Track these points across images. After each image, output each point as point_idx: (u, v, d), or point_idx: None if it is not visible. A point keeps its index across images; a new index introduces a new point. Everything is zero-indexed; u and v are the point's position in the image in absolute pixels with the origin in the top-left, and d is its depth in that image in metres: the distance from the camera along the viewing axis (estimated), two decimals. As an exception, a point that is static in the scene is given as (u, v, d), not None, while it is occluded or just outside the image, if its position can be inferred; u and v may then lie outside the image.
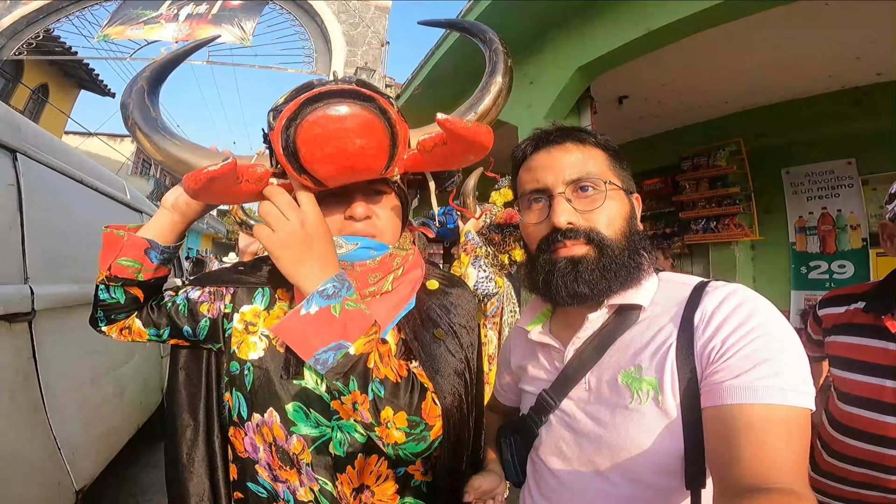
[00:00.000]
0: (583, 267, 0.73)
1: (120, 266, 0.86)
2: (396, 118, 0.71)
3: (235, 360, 0.88)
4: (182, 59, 0.92)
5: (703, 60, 3.92)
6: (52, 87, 11.19)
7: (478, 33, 0.95)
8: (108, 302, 0.88)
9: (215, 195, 0.71)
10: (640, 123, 5.30)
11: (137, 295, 0.89)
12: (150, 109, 0.79)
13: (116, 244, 0.87)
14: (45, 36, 9.36)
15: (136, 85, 0.81)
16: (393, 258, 0.85)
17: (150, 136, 0.77)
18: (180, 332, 0.92)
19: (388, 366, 0.72)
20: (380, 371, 0.70)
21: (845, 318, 1.26)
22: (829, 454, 1.27)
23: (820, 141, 4.66)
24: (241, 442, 0.87)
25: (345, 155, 0.68)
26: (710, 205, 5.26)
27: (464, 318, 0.91)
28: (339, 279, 0.69)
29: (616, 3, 3.27)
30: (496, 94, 0.86)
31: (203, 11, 9.35)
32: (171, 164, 0.79)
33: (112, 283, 0.87)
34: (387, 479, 0.83)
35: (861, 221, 4.58)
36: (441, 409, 0.76)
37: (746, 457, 0.54)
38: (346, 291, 0.69)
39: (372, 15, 9.73)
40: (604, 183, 0.76)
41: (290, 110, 0.67)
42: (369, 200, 0.83)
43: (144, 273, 0.88)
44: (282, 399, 0.83)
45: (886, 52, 3.61)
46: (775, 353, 0.59)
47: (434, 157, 0.75)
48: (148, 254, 0.87)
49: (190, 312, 0.92)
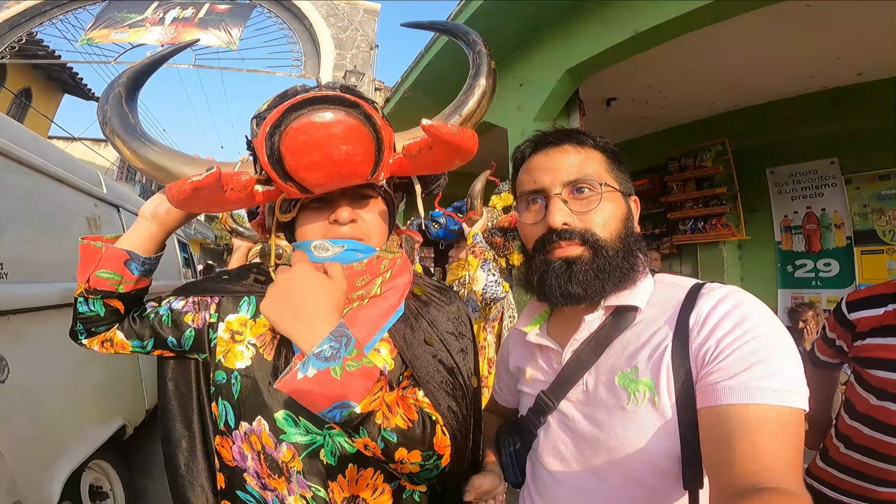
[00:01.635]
0: (577, 268, 0.74)
1: (99, 278, 0.84)
2: (381, 123, 0.71)
3: (221, 370, 0.86)
4: (160, 64, 0.90)
5: (688, 62, 3.97)
6: (36, 91, 11.03)
7: (461, 35, 0.95)
8: (88, 315, 0.87)
9: (199, 204, 0.70)
10: (628, 125, 5.35)
11: (118, 307, 0.88)
12: (129, 116, 0.78)
13: (94, 256, 0.85)
14: (29, 40, 9.22)
15: (113, 91, 0.79)
16: (380, 261, 0.85)
17: (128, 142, 0.76)
18: (164, 342, 0.90)
19: (397, 414, 0.71)
20: (390, 422, 0.70)
21: (888, 319, 1.23)
22: (849, 447, 1.26)
23: (803, 141, 4.74)
24: (230, 451, 0.85)
25: (331, 162, 0.68)
26: (698, 205, 5.33)
27: (452, 324, 0.91)
28: (337, 336, 0.67)
29: (603, 5, 3.30)
30: (480, 97, 0.86)
31: (189, 15, 9.26)
32: (152, 171, 0.77)
33: (91, 295, 0.85)
34: (383, 492, 0.82)
35: (845, 220, 4.66)
36: (450, 436, 0.78)
37: (741, 457, 0.55)
38: (346, 350, 0.67)
39: (361, 18, 9.71)
40: (600, 185, 0.77)
41: (273, 117, 0.66)
42: (355, 204, 0.83)
43: (125, 285, 0.86)
44: (270, 407, 0.81)
45: (866, 53, 3.69)
46: (770, 354, 0.60)
47: (420, 162, 0.75)
48: (128, 265, 0.86)
49: (174, 323, 0.89)
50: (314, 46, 9.52)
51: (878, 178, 4.45)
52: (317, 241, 0.82)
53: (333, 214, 0.81)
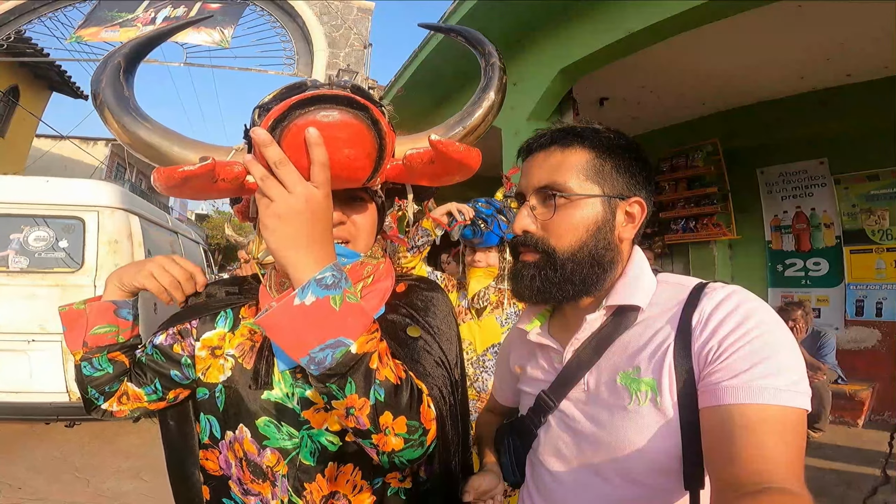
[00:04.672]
0: (526, 272, 0.77)
1: (96, 336, 0.85)
2: (387, 129, 0.69)
3: (203, 387, 0.86)
4: (165, 38, 0.86)
5: (680, 63, 4.00)
6: (23, 89, 10.86)
7: (477, 45, 0.92)
8: (98, 376, 0.86)
9: (186, 192, 0.68)
10: (620, 125, 5.33)
11: (123, 360, 0.88)
12: (124, 88, 0.73)
13: (79, 319, 0.85)
14: (17, 37, 9.09)
15: (113, 61, 0.74)
16: (364, 266, 0.84)
17: (119, 116, 0.71)
18: (170, 378, 0.89)
19: (387, 366, 0.66)
20: (380, 373, 0.64)
21: None
22: None
23: (793, 141, 4.80)
24: (216, 461, 0.85)
25: (331, 164, 0.65)
26: (689, 205, 5.37)
27: (438, 317, 0.89)
28: (338, 268, 0.63)
29: (596, 6, 3.32)
30: (487, 110, 0.84)
31: (181, 14, 9.18)
32: (141, 148, 0.73)
33: (95, 355, 0.85)
34: (362, 489, 0.81)
35: (834, 220, 4.72)
36: (435, 412, 0.73)
37: (743, 456, 0.55)
38: (346, 283, 0.63)
39: (354, 16, 9.66)
40: (565, 192, 0.75)
41: (278, 111, 0.64)
42: (346, 206, 0.81)
43: (123, 334, 0.87)
44: (252, 414, 0.80)
45: (856, 54, 3.73)
46: (772, 353, 0.60)
47: (418, 173, 0.74)
48: (119, 314, 0.87)
49: (165, 356, 0.89)
50: (307, 45, 9.46)
51: (866, 178, 4.51)
52: None
53: None
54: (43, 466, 3.36)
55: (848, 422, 4.28)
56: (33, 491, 3.02)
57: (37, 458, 3.50)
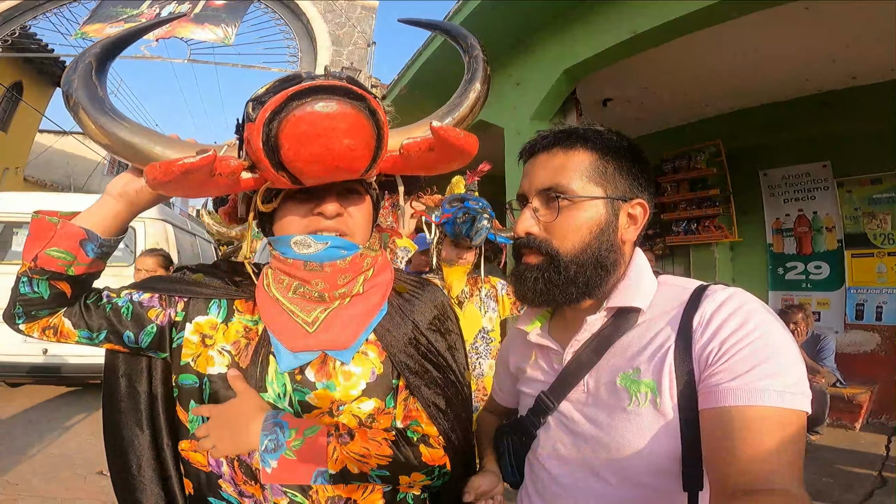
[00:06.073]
0: (529, 275, 0.77)
1: (48, 257, 0.75)
2: (384, 119, 0.69)
3: (190, 373, 0.82)
4: (137, 37, 0.86)
5: (684, 64, 3.99)
6: (27, 85, 10.88)
7: (459, 38, 0.93)
8: (30, 297, 0.78)
9: (182, 188, 0.67)
10: (623, 126, 5.34)
11: (64, 290, 0.79)
12: (98, 88, 0.72)
13: (47, 232, 0.76)
14: (21, 33, 9.11)
15: (84, 61, 0.73)
16: (363, 258, 0.83)
17: (95, 117, 0.70)
18: (120, 336, 0.83)
19: (372, 457, 0.76)
20: (367, 466, 0.76)
21: None
22: None
23: (796, 144, 4.78)
24: (205, 455, 0.82)
25: (331, 154, 0.65)
26: (691, 206, 5.36)
27: (438, 321, 0.90)
28: (269, 429, 0.74)
29: (601, 6, 3.31)
30: (473, 101, 0.86)
31: (185, 10, 9.18)
32: (120, 149, 0.72)
33: (37, 275, 0.76)
34: (373, 491, 0.81)
35: (836, 223, 4.71)
36: (442, 437, 0.82)
37: (742, 458, 0.55)
38: (284, 435, 0.74)
39: (358, 15, 9.66)
40: (568, 194, 0.75)
41: (275, 103, 0.63)
42: (342, 198, 0.80)
43: (76, 267, 0.77)
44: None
45: (861, 56, 3.72)
46: (772, 356, 0.60)
47: (416, 162, 0.74)
48: (83, 246, 0.77)
49: (135, 317, 0.83)
50: (311, 42, 9.47)
51: (869, 181, 4.50)
52: (298, 237, 0.78)
53: (319, 207, 0.78)
54: (41, 465, 3.38)
55: (846, 425, 4.27)
56: (31, 488, 3.03)
57: (36, 458, 3.51)
